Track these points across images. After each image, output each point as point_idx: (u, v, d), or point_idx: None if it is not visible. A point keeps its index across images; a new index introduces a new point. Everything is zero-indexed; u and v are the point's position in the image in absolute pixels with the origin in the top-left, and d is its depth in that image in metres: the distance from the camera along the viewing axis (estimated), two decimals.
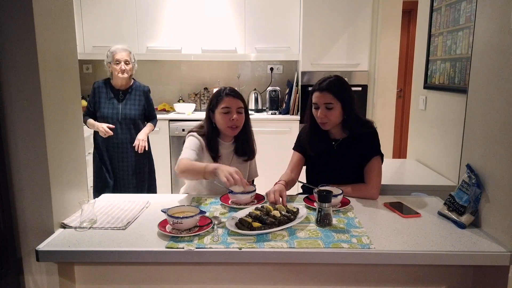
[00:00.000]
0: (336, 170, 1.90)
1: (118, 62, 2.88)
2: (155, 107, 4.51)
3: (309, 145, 1.93)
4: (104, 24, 3.97)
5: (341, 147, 1.91)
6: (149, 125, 3.10)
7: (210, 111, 1.97)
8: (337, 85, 1.83)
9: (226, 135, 1.97)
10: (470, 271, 1.47)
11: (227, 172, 1.58)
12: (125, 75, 2.91)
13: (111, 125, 2.91)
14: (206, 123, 1.98)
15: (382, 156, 1.88)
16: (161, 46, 4.00)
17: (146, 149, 3.01)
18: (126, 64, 2.90)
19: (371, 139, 1.87)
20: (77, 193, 1.61)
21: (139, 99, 3.03)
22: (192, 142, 1.90)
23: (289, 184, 1.87)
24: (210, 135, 1.94)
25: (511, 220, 1.32)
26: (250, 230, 1.39)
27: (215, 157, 1.93)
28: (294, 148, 2.04)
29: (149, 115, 3.15)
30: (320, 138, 1.92)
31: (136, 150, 2.96)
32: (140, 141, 2.95)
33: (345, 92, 1.84)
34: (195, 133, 1.94)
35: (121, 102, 2.98)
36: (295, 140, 2.07)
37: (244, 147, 2.00)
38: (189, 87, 4.47)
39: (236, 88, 2.01)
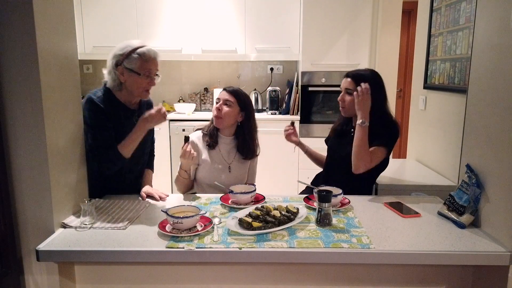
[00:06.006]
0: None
1: (148, 73, 1.78)
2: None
3: (333, 128, 2.12)
4: (104, 24, 3.97)
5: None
6: (149, 172, 2.09)
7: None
8: (365, 74, 1.93)
9: (224, 129, 2.05)
10: (470, 271, 1.47)
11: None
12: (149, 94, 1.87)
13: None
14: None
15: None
16: (161, 46, 4.00)
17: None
18: (156, 76, 1.83)
19: (379, 129, 1.95)
20: (78, 193, 1.61)
21: None
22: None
23: (311, 154, 2.21)
24: (211, 126, 2.07)
25: (511, 220, 1.32)
26: (250, 230, 1.39)
27: (212, 144, 2.03)
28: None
29: (151, 143, 2.10)
30: (343, 123, 2.09)
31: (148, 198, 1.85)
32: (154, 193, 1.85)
33: (374, 85, 1.87)
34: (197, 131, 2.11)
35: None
36: None
37: (245, 145, 2.05)
38: (189, 87, 4.48)
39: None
